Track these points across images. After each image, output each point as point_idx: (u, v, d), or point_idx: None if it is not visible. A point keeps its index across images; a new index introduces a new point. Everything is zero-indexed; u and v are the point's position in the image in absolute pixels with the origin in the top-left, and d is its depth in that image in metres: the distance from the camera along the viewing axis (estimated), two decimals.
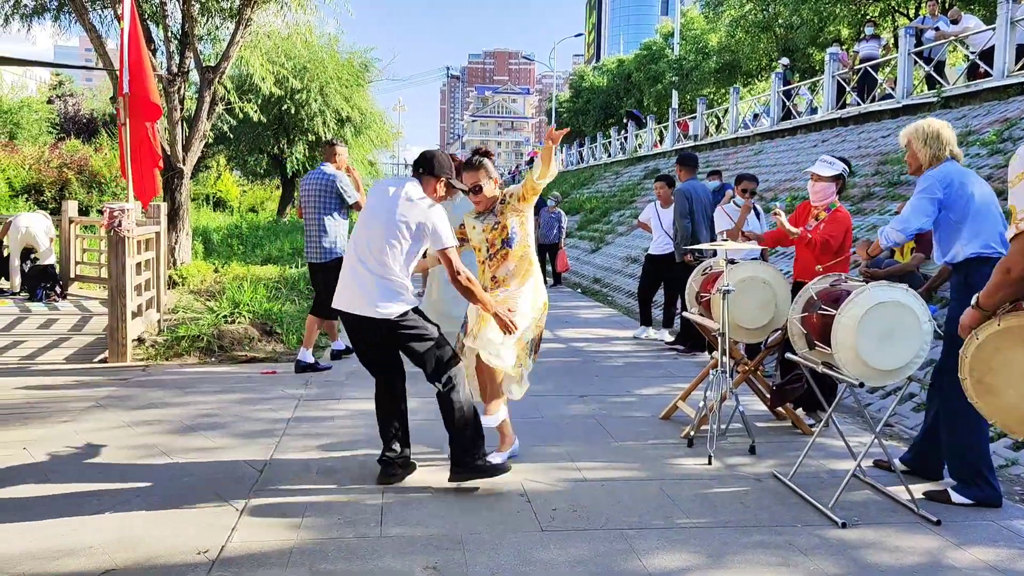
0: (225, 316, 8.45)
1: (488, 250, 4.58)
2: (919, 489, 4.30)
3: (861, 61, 16.36)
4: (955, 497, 4.19)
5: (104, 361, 7.34)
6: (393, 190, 4.25)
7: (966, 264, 4.22)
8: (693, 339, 8.28)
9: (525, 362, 4.57)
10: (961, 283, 4.24)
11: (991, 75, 12.20)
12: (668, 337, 9.01)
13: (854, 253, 5.01)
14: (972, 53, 13.37)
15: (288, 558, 3.44)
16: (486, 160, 4.58)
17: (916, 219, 4.32)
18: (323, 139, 22.93)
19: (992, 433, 5.19)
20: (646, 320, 9.34)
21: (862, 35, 17.76)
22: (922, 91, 14.16)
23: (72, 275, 11.64)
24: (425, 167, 4.35)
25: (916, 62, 14.26)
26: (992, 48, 12.33)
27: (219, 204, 28.80)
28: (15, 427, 5.26)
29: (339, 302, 4.28)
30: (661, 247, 9.09)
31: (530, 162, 52.36)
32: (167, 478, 4.39)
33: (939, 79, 13.76)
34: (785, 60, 22.50)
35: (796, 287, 5.31)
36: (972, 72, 13.24)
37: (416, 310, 4.27)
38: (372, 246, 4.18)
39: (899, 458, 4.69)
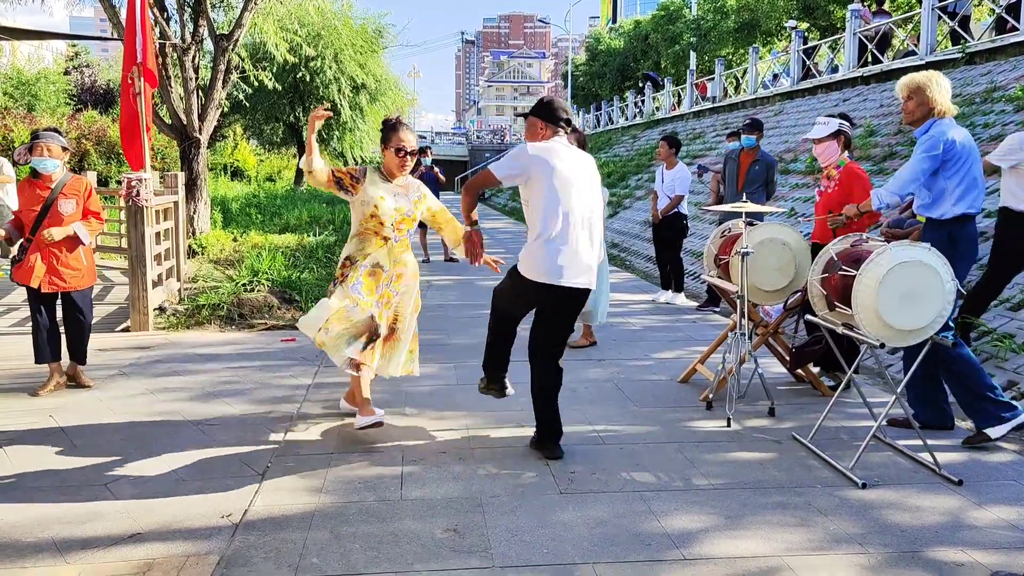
0: (244, 285, 8.51)
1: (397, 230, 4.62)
2: (940, 448, 4.27)
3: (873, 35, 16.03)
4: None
5: (126, 330, 7.42)
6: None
7: (953, 222, 4.40)
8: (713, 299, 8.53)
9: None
10: (945, 240, 4.38)
11: (1018, 29, 11.91)
12: (680, 301, 9.02)
13: (839, 216, 4.96)
14: (999, 7, 13.05)
15: (310, 521, 3.48)
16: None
17: (914, 180, 4.42)
18: (339, 106, 22.91)
19: (1015, 393, 5.15)
20: (665, 283, 9.34)
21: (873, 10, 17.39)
22: (946, 47, 13.86)
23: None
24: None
25: (940, 17, 13.94)
26: (1019, 1, 12.01)
27: (236, 174, 28.87)
28: (40, 394, 5.34)
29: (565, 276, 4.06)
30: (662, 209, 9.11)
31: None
32: (190, 444, 4.45)
33: (964, 34, 13.45)
34: (792, 23, 22.11)
35: (815, 249, 5.26)
36: (999, 26, 12.93)
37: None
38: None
39: (912, 415, 4.71)
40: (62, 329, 5.61)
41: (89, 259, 5.60)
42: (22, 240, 5.42)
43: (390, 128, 4.60)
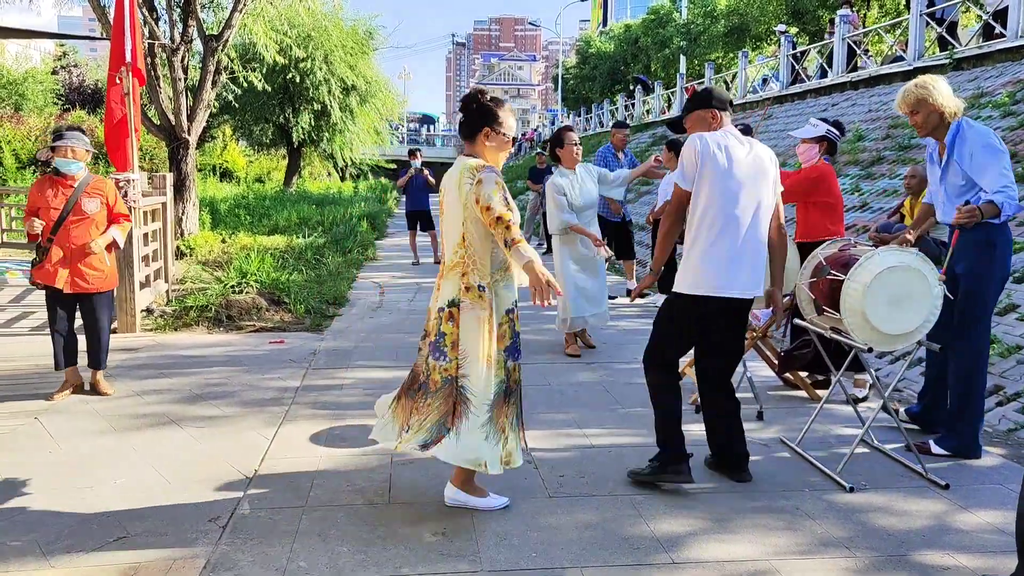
0: (233, 286, 8.47)
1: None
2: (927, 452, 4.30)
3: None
4: (935, 448, 4.35)
5: (113, 332, 7.36)
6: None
7: (991, 225, 4.12)
8: None
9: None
10: (983, 241, 4.16)
11: (1005, 35, 12.00)
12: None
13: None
14: (986, 13, 13.15)
15: (298, 524, 3.47)
16: None
17: (1007, 173, 4.05)
18: (329, 108, 22.84)
19: (1001, 397, 5.18)
20: (660, 285, 9.33)
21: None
22: (934, 53, 13.95)
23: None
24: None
25: (928, 23, 14.03)
26: (1006, 8, 12.11)
27: (226, 175, 28.74)
28: (26, 398, 5.29)
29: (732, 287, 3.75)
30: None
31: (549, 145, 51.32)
32: (176, 446, 4.42)
33: (951, 40, 13.54)
34: (782, 27, 22.25)
35: (800, 248, 5.29)
36: (986, 33, 13.02)
37: None
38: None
39: (905, 409, 4.73)
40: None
41: (112, 261, 5.47)
42: (40, 240, 5.23)
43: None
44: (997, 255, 4.21)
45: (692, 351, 4.08)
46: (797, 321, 4.62)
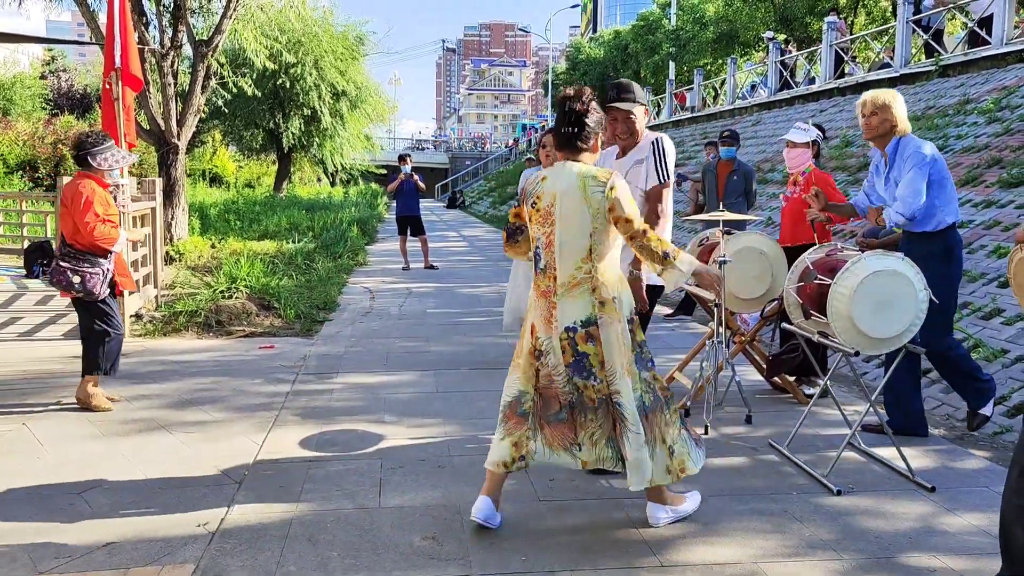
0: (222, 291, 8.46)
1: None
2: (913, 455, 4.33)
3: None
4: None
5: None
6: None
7: (945, 232, 4.42)
8: (687, 308, 8.66)
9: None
10: (941, 250, 4.43)
11: (990, 43, 12.12)
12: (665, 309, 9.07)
13: (863, 216, 4.98)
14: (971, 21, 13.27)
15: (288, 529, 3.47)
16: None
17: (918, 196, 4.36)
18: (319, 113, 22.84)
19: None
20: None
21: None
22: (920, 59, 14.07)
23: None
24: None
25: (914, 31, 14.15)
26: (991, 16, 12.23)
27: (215, 180, 28.70)
28: (14, 402, 5.27)
29: None
30: None
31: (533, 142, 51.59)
32: (166, 452, 4.41)
33: (937, 47, 13.66)
34: (770, 34, 22.44)
35: (790, 256, 5.32)
36: (971, 40, 13.15)
37: None
38: None
39: (886, 422, 4.77)
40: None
41: None
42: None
43: None
44: (956, 259, 4.47)
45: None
46: (785, 325, 4.65)
